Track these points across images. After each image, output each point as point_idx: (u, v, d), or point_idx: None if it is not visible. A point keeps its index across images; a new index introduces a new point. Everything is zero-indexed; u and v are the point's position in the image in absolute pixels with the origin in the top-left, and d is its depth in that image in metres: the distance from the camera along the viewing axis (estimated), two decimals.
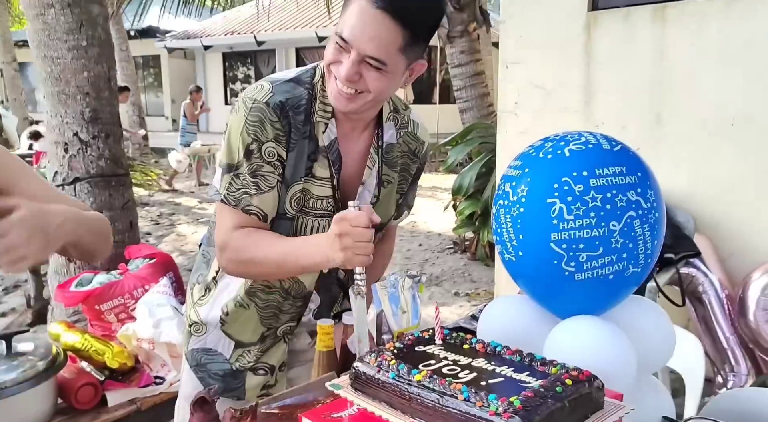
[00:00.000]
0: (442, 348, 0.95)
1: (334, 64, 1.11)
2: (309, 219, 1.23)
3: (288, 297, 1.30)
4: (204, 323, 1.34)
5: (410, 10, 1.07)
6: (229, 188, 1.17)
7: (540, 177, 0.99)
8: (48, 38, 2.54)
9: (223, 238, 1.19)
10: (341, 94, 1.12)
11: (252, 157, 1.15)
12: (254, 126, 1.14)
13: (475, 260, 5.19)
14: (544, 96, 2.87)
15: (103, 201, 2.66)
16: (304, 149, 1.18)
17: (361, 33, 1.05)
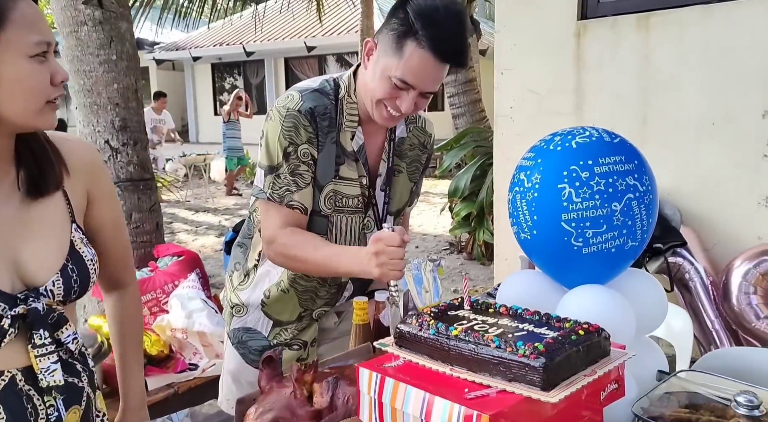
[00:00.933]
0: (470, 312, 1.11)
1: (389, 99, 1.29)
2: (343, 216, 1.40)
3: (324, 284, 1.47)
4: (245, 305, 1.50)
5: (463, 53, 1.27)
6: (273, 187, 1.34)
7: (551, 166, 1.15)
8: (81, 53, 2.70)
9: (271, 233, 1.35)
10: (392, 118, 1.32)
11: (290, 158, 1.32)
12: (290, 131, 1.31)
13: (471, 260, 5.36)
14: (537, 100, 3.05)
15: (132, 204, 2.81)
16: (332, 153, 1.36)
17: (425, 78, 1.25)
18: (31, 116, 0.91)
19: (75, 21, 2.67)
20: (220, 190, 10.04)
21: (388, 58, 1.26)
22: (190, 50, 15.76)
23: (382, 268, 1.22)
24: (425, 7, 1.24)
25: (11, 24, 0.86)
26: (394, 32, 1.25)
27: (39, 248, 0.98)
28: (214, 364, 1.95)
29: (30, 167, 0.99)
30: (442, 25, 1.23)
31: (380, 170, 1.43)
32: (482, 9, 15.62)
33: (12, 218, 0.96)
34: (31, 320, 0.94)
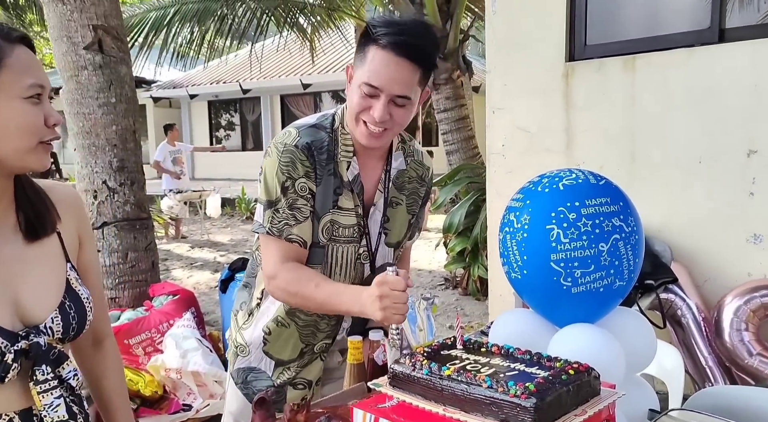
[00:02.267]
0: (463, 351, 1.12)
1: (364, 111, 1.31)
2: (338, 246, 1.42)
3: (324, 317, 1.47)
4: (248, 345, 1.50)
5: (423, 50, 1.31)
6: (272, 222, 1.36)
7: (539, 207, 1.18)
8: (81, 97, 2.76)
9: (272, 269, 1.37)
10: (372, 135, 1.33)
11: (288, 193, 1.35)
12: (287, 166, 1.34)
13: (466, 295, 5.36)
14: (528, 138, 3.11)
15: (129, 243, 2.83)
16: (330, 185, 1.38)
17: (389, 78, 1.28)
18: (24, 155, 0.95)
19: (76, 65, 2.74)
20: (215, 226, 10.04)
21: (358, 70, 1.31)
22: (187, 88, 15.95)
23: (385, 312, 1.23)
24: (385, 17, 1.33)
25: (7, 68, 0.92)
26: (360, 45, 1.32)
27: (37, 287, 1.01)
28: (209, 404, 1.94)
29: (27, 210, 1.03)
30: (398, 26, 1.28)
31: (375, 200, 1.46)
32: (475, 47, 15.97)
33: (13, 258, 0.99)
34: (33, 355, 0.96)
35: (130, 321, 2.11)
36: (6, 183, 1.00)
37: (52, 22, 2.77)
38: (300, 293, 1.35)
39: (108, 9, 2.78)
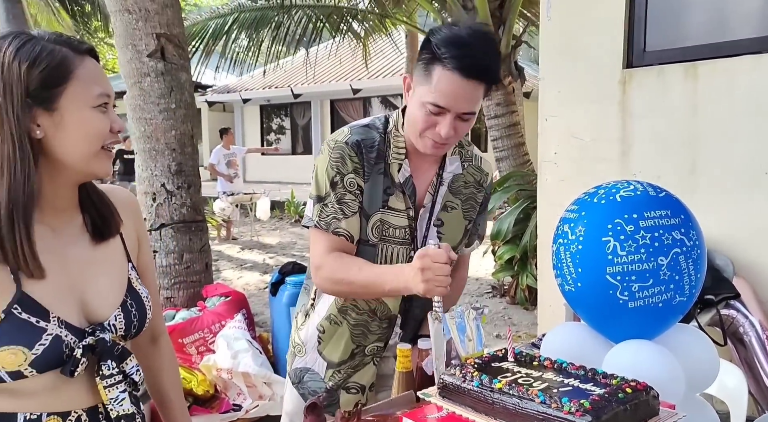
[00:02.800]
0: (514, 364, 1.11)
1: (429, 128, 1.33)
2: (390, 246, 1.43)
3: (375, 318, 1.49)
4: (304, 344, 1.53)
5: (491, 69, 1.31)
6: (320, 215, 1.40)
7: (595, 219, 1.16)
8: (143, 102, 2.87)
9: (318, 259, 1.40)
10: (435, 147, 1.36)
11: (336, 188, 1.38)
12: (337, 162, 1.38)
13: (514, 304, 5.28)
14: (582, 147, 3.04)
15: (184, 245, 2.91)
16: (379, 183, 1.40)
17: (457, 99, 1.29)
18: (89, 160, 0.99)
19: (139, 72, 2.85)
20: (264, 228, 10.23)
21: (421, 87, 1.31)
22: (240, 93, 16.34)
23: (427, 284, 1.23)
24: (448, 33, 1.30)
25: (77, 79, 0.97)
26: (422, 62, 1.31)
27: (102, 286, 1.06)
28: (258, 405, 1.97)
29: (92, 214, 1.08)
30: (464, 46, 1.27)
31: (425, 202, 1.46)
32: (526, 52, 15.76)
33: (79, 258, 1.04)
34: (99, 351, 1.00)
35: (184, 320, 2.17)
36: (72, 189, 1.05)
37: (119, 30, 2.89)
38: (344, 279, 1.37)
39: (171, 18, 2.88)
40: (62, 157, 0.98)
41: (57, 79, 0.94)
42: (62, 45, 0.97)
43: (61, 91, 0.95)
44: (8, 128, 0.92)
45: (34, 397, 0.98)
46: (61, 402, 1.00)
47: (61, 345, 0.96)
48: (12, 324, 0.92)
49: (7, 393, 0.96)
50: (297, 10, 7.21)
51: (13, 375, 0.93)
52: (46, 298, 0.97)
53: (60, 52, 0.96)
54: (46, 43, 0.96)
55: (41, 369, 0.95)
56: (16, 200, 0.93)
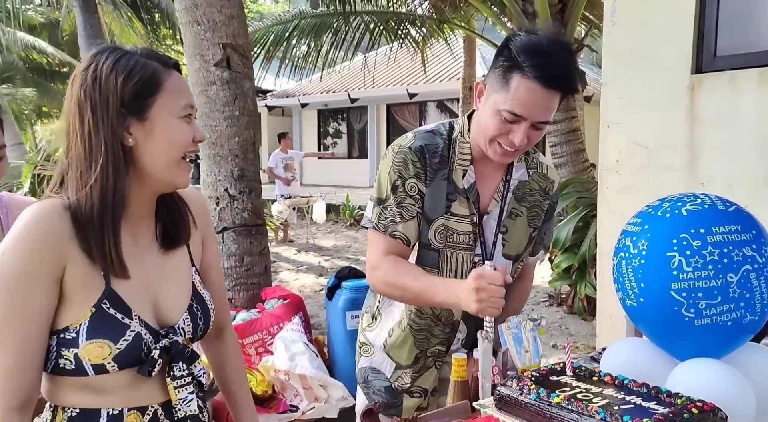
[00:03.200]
0: (573, 378, 1.09)
1: (501, 135, 1.33)
2: (453, 252, 1.44)
3: (438, 322, 1.50)
4: (372, 344, 1.57)
5: (571, 79, 1.31)
6: (379, 217, 1.42)
7: (659, 233, 1.13)
8: (209, 110, 2.98)
9: (375, 260, 1.43)
10: (507, 154, 1.36)
11: (397, 191, 1.41)
12: (399, 166, 1.40)
13: (572, 314, 5.16)
14: (646, 154, 2.95)
15: (245, 248, 3.01)
16: (442, 189, 1.41)
17: (535, 108, 1.28)
18: (170, 168, 1.04)
19: (206, 81, 2.97)
20: (320, 231, 10.38)
21: (497, 94, 1.30)
22: (299, 97, 16.65)
23: (480, 304, 1.23)
24: (527, 41, 1.29)
25: (166, 90, 1.03)
26: (500, 69, 1.30)
27: (171, 291, 1.11)
28: (314, 407, 2.01)
29: (166, 222, 1.13)
30: (545, 55, 1.26)
31: (490, 208, 1.46)
32: (587, 56, 15.40)
33: (153, 265, 1.10)
34: (173, 352, 1.06)
35: (244, 321, 2.23)
36: (153, 199, 1.10)
37: (188, 41, 3.01)
38: (398, 284, 1.38)
39: (237, 29, 2.99)
40: (148, 165, 1.03)
41: (149, 90, 1.01)
42: (153, 59, 1.04)
43: (152, 102, 1.02)
44: (104, 137, 0.99)
45: (115, 393, 1.03)
46: (139, 397, 1.06)
47: (141, 343, 1.02)
48: (100, 318, 0.99)
49: (91, 390, 1.02)
50: (356, 16, 7.31)
51: (96, 368, 0.99)
52: (129, 298, 1.03)
53: (151, 65, 1.03)
54: (138, 58, 1.03)
55: (122, 365, 1.01)
56: (106, 205, 0.99)
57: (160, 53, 1.09)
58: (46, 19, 15.95)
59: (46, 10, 15.44)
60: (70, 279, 0.98)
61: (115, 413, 1.03)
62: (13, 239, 0.95)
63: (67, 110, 1.02)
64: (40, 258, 0.95)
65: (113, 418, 1.03)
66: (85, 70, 1.01)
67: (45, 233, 0.96)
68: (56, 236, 0.96)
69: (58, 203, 0.99)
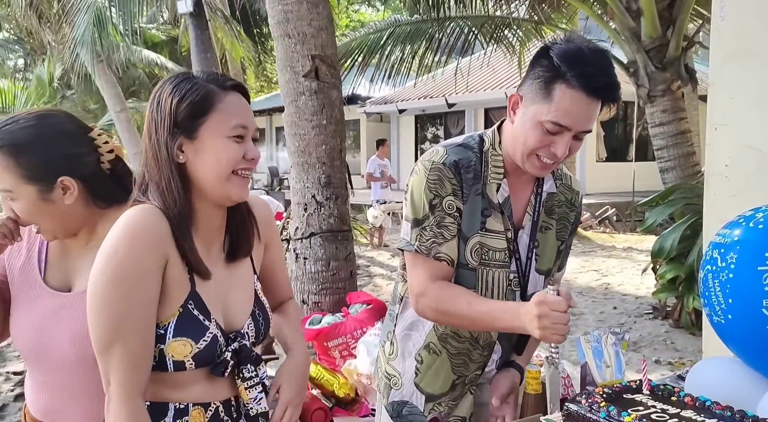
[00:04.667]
0: (649, 398, 1.04)
1: (542, 147, 1.27)
2: (489, 270, 1.37)
3: (477, 346, 1.42)
4: (400, 376, 1.48)
5: (616, 88, 1.25)
6: (420, 239, 1.35)
7: (750, 245, 1.05)
8: (298, 119, 3.11)
9: (421, 287, 1.35)
10: (546, 167, 1.30)
11: (435, 210, 1.34)
12: (435, 184, 1.33)
13: (678, 328, 4.84)
14: (759, 158, 2.72)
15: (331, 253, 3.10)
16: (478, 205, 1.35)
17: (580, 118, 1.24)
18: (221, 183, 1.08)
19: (296, 91, 3.09)
20: None
21: (537, 105, 1.25)
22: (396, 103, 16.85)
23: (544, 331, 1.17)
24: (568, 49, 1.24)
25: (217, 110, 1.08)
26: (540, 79, 1.25)
27: (237, 298, 1.18)
28: None
29: (233, 235, 1.19)
30: (589, 63, 1.21)
31: (524, 223, 1.40)
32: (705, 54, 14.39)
33: (222, 274, 1.17)
34: (242, 355, 1.13)
35: (329, 325, 2.30)
36: (221, 211, 1.16)
37: (279, 54, 3.16)
38: (450, 311, 1.32)
39: (325, 40, 3.09)
40: (201, 180, 1.09)
41: (200, 111, 1.07)
42: (210, 82, 1.10)
43: (203, 122, 1.07)
44: (161, 153, 1.07)
45: (185, 390, 1.10)
46: (205, 395, 1.12)
47: (216, 345, 1.09)
48: (186, 318, 1.07)
49: (165, 385, 1.10)
50: (450, 21, 7.31)
51: (177, 364, 1.07)
52: (208, 302, 1.11)
53: (205, 87, 1.08)
54: (197, 81, 1.09)
55: (199, 364, 1.08)
56: (175, 217, 1.07)
57: (221, 76, 1.13)
58: (167, 36, 17.26)
59: (167, 28, 16.71)
60: (168, 277, 1.06)
61: (182, 407, 1.10)
62: (123, 237, 1.03)
63: (144, 128, 1.12)
64: (151, 255, 1.03)
65: (179, 412, 1.10)
66: (154, 93, 1.10)
67: (153, 231, 1.04)
68: (161, 235, 1.05)
69: (153, 207, 1.07)
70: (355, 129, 19.62)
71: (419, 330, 1.45)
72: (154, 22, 16.85)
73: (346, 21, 22.79)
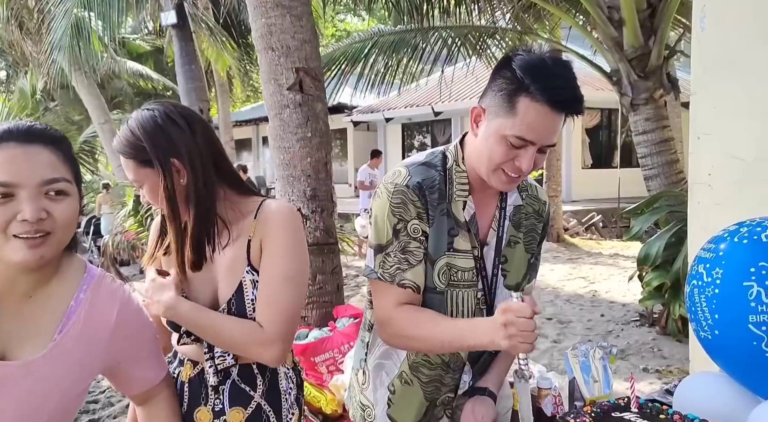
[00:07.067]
0: (638, 416, 1.03)
1: (507, 162, 1.22)
2: (458, 291, 1.32)
3: (448, 370, 1.38)
4: (373, 407, 1.43)
5: (580, 101, 1.21)
6: (383, 266, 1.29)
7: (736, 261, 1.04)
8: (283, 132, 3.09)
9: (386, 314, 1.31)
10: (512, 181, 1.26)
11: (400, 235, 1.28)
12: (398, 208, 1.27)
13: (665, 335, 4.86)
14: (743, 168, 2.74)
15: (317, 266, 3.07)
16: (444, 225, 1.30)
17: (545, 131, 1.19)
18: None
19: (280, 104, 3.07)
20: None
21: (501, 119, 1.20)
22: (383, 112, 16.88)
23: (511, 340, 1.12)
24: (531, 60, 1.19)
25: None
26: (503, 92, 1.20)
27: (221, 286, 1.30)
28: None
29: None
30: (553, 76, 1.18)
31: (488, 239, 1.35)
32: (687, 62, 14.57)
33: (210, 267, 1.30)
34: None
35: (316, 339, 2.27)
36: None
37: (263, 67, 3.14)
38: (417, 335, 1.27)
39: (309, 53, 3.08)
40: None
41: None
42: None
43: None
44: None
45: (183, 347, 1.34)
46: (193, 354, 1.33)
47: None
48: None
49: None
50: (434, 31, 7.32)
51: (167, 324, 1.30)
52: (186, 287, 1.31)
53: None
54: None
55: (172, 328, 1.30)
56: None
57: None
58: (152, 47, 17.16)
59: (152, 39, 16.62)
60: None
61: (182, 359, 1.36)
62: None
63: None
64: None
65: (180, 362, 1.37)
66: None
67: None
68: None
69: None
70: (342, 138, 19.62)
71: (393, 359, 1.41)
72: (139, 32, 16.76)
73: (332, 30, 22.82)
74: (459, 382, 1.40)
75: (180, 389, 1.33)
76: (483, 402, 1.34)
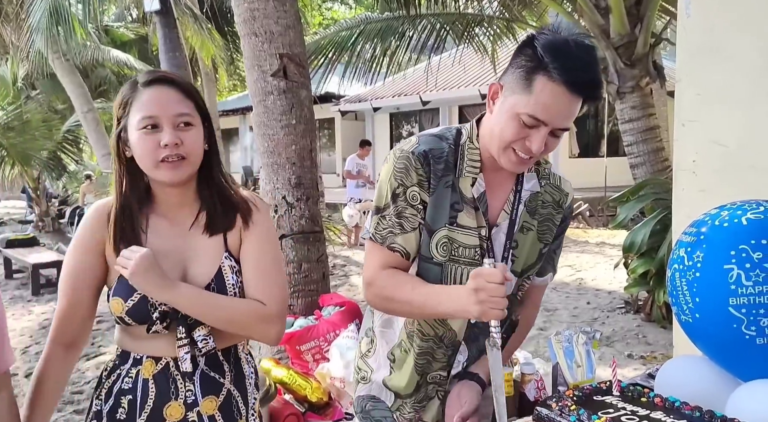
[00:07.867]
0: (619, 399, 1.03)
1: (518, 141, 1.21)
2: (459, 267, 1.31)
3: (441, 345, 1.37)
4: (370, 372, 1.44)
5: (598, 86, 1.20)
6: (376, 228, 1.31)
7: (716, 244, 1.05)
8: (267, 119, 3.06)
9: (370, 274, 1.32)
10: (522, 162, 1.24)
11: (398, 200, 1.29)
12: (401, 173, 1.28)
13: (650, 322, 4.91)
14: (726, 154, 2.76)
15: (303, 255, 3.05)
16: (446, 197, 1.29)
17: (558, 113, 1.18)
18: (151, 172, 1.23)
19: (264, 91, 3.04)
20: None
21: (517, 96, 1.19)
22: (371, 102, 16.81)
23: (481, 305, 1.13)
24: (554, 40, 1.18)
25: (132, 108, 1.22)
26: (522, 69, 1.19)
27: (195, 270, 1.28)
28: None
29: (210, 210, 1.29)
30: (573, 57, 1.16)
31: (499, 221, 1.33)
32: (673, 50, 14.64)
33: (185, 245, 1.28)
34: (171, 316, 1.23)
35: (301, 328, 2.27)
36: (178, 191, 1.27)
37: (246, 52, 3.10)
38: (395, 297, 1.29)
39: (293, 39, 3.04)
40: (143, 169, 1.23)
41: (123, 111, 1.23)
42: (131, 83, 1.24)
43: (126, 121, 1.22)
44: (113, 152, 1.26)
45: (139, 342, 1.27)
46: (156, 349, 1.26)
47: (146, 304, 1.22)
48: (122, 281, 1.23)
49: (128, 337, 1.28)
50: (422, 19, 7.29)
51: (119, 320, 1.24)
52: None
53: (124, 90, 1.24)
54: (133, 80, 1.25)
55: (135, 320, 1.23)
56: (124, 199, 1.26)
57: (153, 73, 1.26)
58: (136, 35, 16.92)
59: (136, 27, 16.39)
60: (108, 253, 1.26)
61: (138, 357, 1.28)
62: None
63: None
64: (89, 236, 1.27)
65: (136, 361, 1.28)
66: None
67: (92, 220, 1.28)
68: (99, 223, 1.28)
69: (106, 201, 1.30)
70: (330, 128, 19.54)
71: (393, 327, 1.42)
72: (123, 20, 16.52)
73: (320, 19, 22.64)
74: (453, 361, 1.39)
75: (143, 386, 1.26)
76: (470, 388, 1.34)
